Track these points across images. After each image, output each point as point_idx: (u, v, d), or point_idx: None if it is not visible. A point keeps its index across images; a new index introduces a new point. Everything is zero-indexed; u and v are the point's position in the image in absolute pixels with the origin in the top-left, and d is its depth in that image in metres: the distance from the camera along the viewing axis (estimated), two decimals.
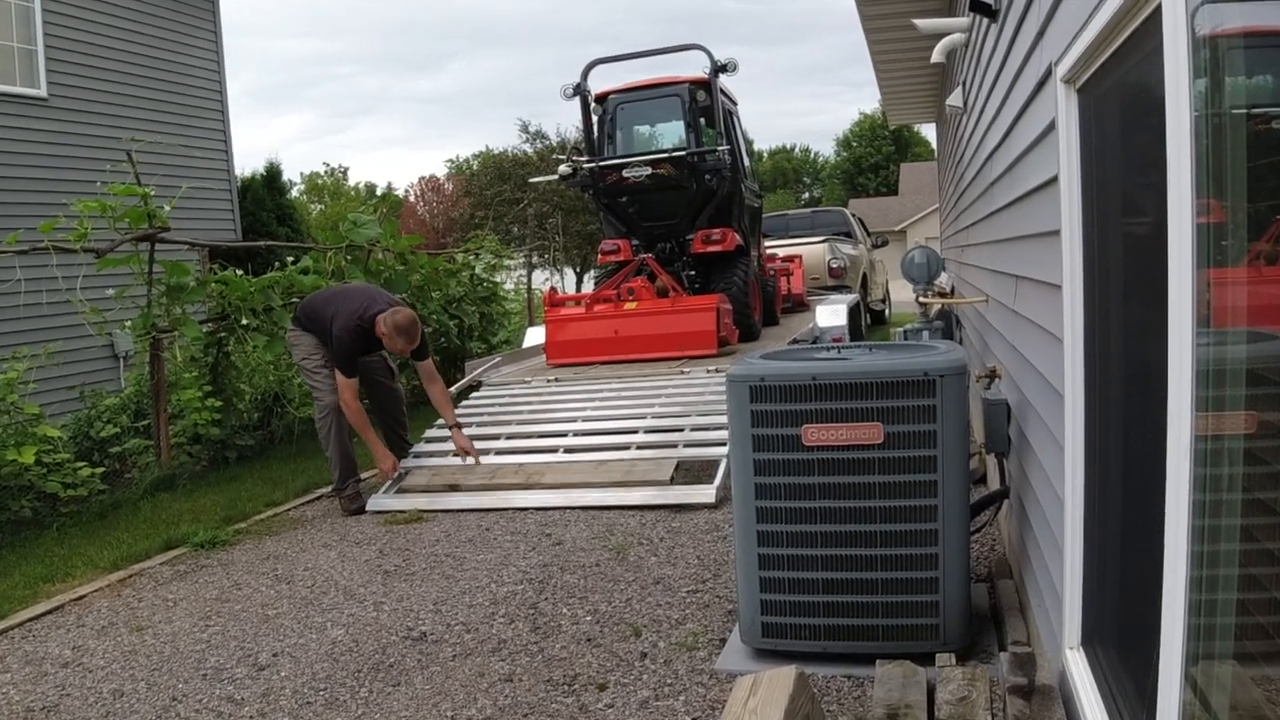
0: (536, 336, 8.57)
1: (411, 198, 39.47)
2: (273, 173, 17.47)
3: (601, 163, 8.08)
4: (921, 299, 5.98)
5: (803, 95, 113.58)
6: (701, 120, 8.15)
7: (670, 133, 8.54)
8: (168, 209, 6.66)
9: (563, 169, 8.43)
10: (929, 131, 41.66)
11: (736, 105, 8.95)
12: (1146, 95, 1.60)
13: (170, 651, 3.59)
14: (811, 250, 12.66)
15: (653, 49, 8.21)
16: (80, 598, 4.31)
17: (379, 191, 50.80)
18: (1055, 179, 2.30)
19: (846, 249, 13.63)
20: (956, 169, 7.23)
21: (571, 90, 8.25)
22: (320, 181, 50.61)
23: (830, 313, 7.36)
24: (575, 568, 4.13)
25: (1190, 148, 1.33)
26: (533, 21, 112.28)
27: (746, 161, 9.21)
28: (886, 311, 15.91)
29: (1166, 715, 1.45)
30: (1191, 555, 1.37)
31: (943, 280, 7.14)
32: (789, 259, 11.18)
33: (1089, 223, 2.13)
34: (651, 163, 7.90)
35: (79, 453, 6.12)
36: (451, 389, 6.83)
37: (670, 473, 5.14)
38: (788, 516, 2.90)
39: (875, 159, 56.30)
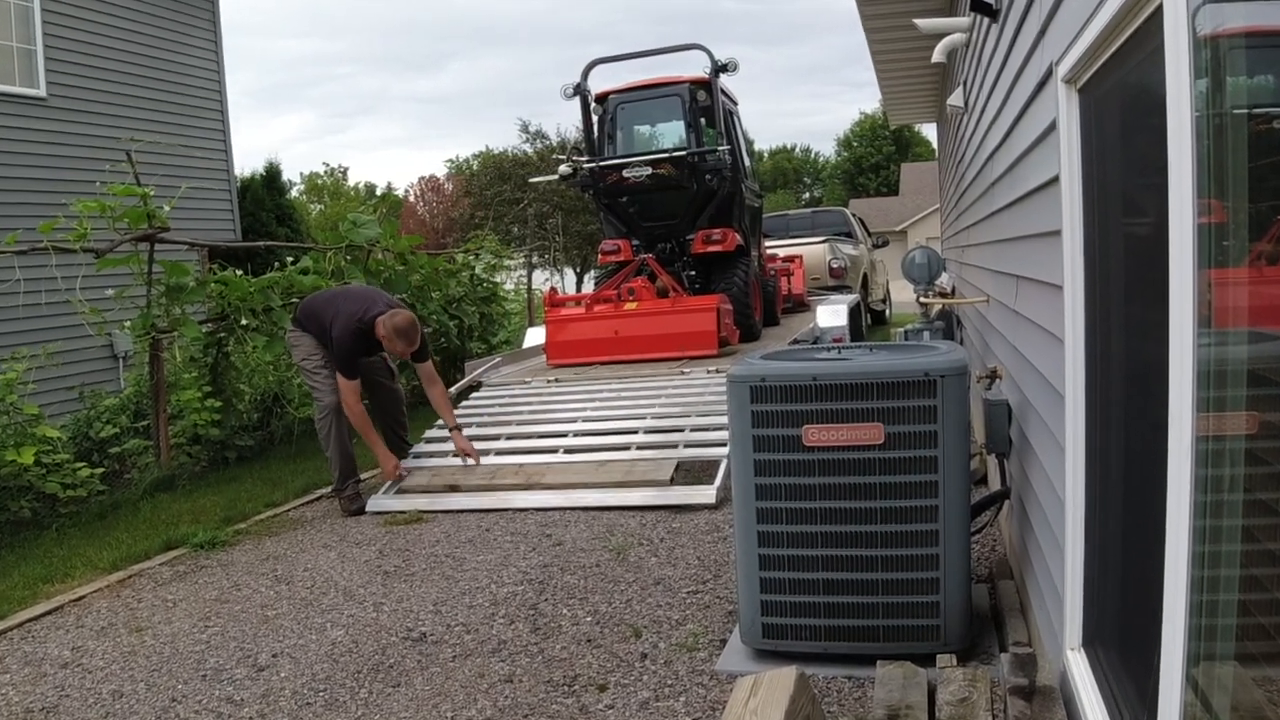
0: (536, 337, 8.57)
1: (411, 198, 39.43)
2: (272, 173, 17.48)
3: (602, 163, 8.07)
4: (922, 299, 5.97)
5: (803, 95, 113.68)
6: (702, 120, 8.15)
7: (670, 133, 8.53)
8: (167, 209, 6.66)
9: (563, 169, 8.43)
10: (930, 131, 41.72)
11: (737, 105, 8.95)
12: (1147, 95, 1.59)
13: (170, 652, 3.59)
14: (812, 250, 12.66)
15: (653, 49, 8.21)
16: (79, 598, 4.31)
17: (379, 191, 50.75)
18: (1056, 179, 2.30)
19: (847, 249, 13.64)
20: (957, 169, 7.23)
21: (572, 90, 8.24)
22: (320, 182, 50.59)
23: (831, 313, 7.37)
24: (575, 568, 4.13)
25: (1191, 148, 1.33)
26: (533, 21, 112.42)
27: (747, 161, 9.20)
28: (887, 312, 15.92)
29: (1168, 716, 1.44)
30: (1193, 556, 1.37)
31: (943, 280, 7.12)
32: (789, 259, 11.18)
33: (1090, 223, 2.13)
34: (652, 163, 7.90)
35: (78, 453, 6.11)
36: (451, 389, 6.83)
37: (670, 473, 5.14)
38: (788, 517, 2.89)
39: (876, 159, 56.27)
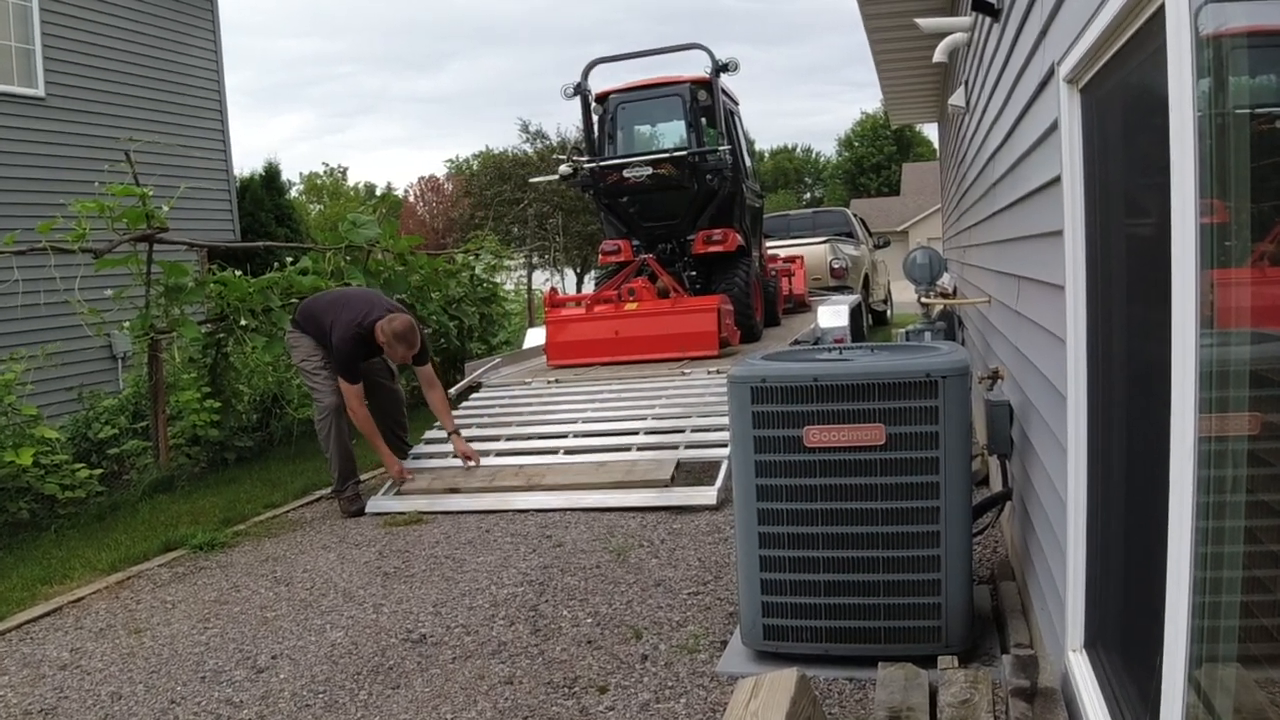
0: (537, 337, 8.56)
1: (411, 198, 39.40)
2: (272, 173, 17.47)
3: (602, 163, 8.06)
4: (923, 300, 5.96)
5: (804, 95, 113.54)
6: (703, 120, 8.14)
7: (671, 132, 8.52)
8: (166, 209, 6.65)
9: (563, 169, 8.42)
10: (931, 131, 41.70)
11: (738, 105, 8.94)
12: (1149, 95, 1.59)
13: (169, 654, 3.58)
14: (813, 250, 12.66)
15: (653, 48, 8.22)
16: (78, 600, 4.30)
17: (378, 191, 50.72)
18: (1058, 179, 2.29)
19: (848, 249, 13.64)
20: (959, 169, 7.22)
21: (572, 90, 8.24)
22: (319, 182, 50.54)
23: (832, 313, 7.36)
24: (576, 570, 4.12)
25: (1193, 148, 1.33)
26: (533, 21, 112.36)
27: (748, 161, 9.19)
28: (888, 312, 15.93)
29: (1170, 718, 1.44)
30: (1195, 557, 1.37)
31: (945, 281, 7.12)
32: (790, 259, 11.18)
33: (1092, 223, 2.12)
34: (652, 163, 7.89)
35: (77, 454, 6.11)
36: (451, 390, 6.82)
37: (671, 474, 5.13)
38: (789, 518, 2.89)
39: (877, 159, 56.24)
